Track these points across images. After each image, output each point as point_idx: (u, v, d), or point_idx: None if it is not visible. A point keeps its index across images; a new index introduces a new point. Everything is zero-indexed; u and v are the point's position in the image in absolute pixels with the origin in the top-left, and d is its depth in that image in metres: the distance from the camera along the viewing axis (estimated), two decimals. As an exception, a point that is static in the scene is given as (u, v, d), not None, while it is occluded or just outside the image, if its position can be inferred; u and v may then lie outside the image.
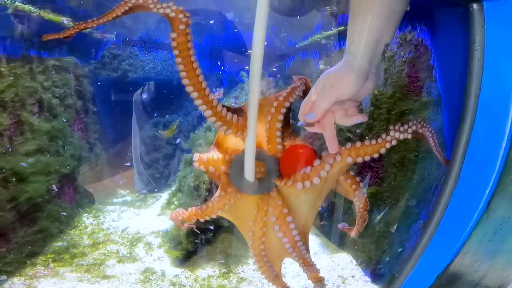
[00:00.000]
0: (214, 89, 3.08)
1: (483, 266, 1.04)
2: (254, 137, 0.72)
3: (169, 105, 3.60)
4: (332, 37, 2.52)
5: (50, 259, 1.73)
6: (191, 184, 1.99)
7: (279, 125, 0.78)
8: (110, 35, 2.85)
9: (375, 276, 1.72)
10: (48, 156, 1.93)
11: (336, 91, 0.69)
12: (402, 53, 1.68)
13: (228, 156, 0.79)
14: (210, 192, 1.95)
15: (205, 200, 1.95)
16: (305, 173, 0.76)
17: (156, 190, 3.03)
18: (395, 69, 1.70)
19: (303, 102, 0.74)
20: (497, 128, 0.91)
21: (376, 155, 0.77)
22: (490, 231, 0.97)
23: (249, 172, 0.75)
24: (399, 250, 1.56)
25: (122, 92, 2.95)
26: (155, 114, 3.29)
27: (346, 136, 2.03)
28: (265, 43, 0.67)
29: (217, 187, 0.87)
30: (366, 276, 1.78)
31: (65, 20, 2.20)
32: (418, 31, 1.57)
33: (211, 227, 1.99)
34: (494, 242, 0.99)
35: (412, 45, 1.59)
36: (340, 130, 2.11)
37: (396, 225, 1.65)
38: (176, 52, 0.69)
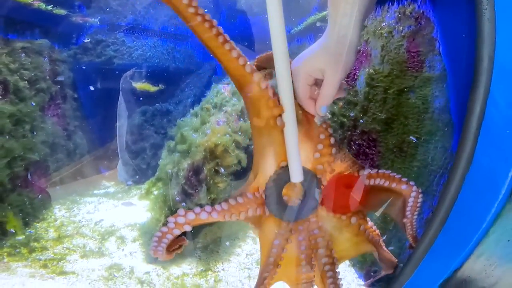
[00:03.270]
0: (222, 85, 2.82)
1: (497, 271, 0.80)
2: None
3: (159, 93, 3.37)
4: (326, 18, 2.27)
5: (5, 253, 1.52)
6: (169, 171, 1.76)
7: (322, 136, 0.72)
8: (94, 19, 2.61)
9: (369, 279, 1.49)
10: (12, 141, 1.70)
11: (339, 75, 0.67)
12: (401, 28, 1.45)
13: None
14: (188, 180, 1.71)
15: (183, 189, 1.71)
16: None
17: (143, 181, 2.80)
18: (393, 45, 1.46)
19: (321, 97, 0.69)
20: None
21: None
22: (511, 227, 0.72)
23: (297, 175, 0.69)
24: (397, 251, 1.32)
25: (107, 79, 2.72)
26: (144, 102, 3.06)
27: (340, 120, 1.79)
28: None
29: (195, 175, 0.75)
30: (359, 279, 1.54)
31: (35, 1, 1.97)
32: (419, 2, 1.35)
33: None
34: None
35: (412, 19, 1.37)
36: (333, 115, 1.88)
37: (393, 221, 1.40)
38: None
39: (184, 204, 1.65)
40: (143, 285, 1.43)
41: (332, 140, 0.74)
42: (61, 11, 2.28)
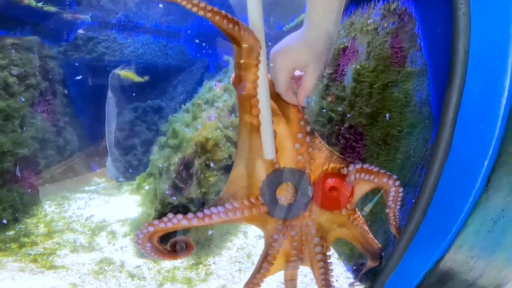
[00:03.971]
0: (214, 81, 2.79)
1: (480, 264, 0.81)
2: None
3: (151, 90, 3.34)
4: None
5: (-6, 248, 1.50)
6: (160, 165, 1.75)
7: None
8: (85, 16, 2.57)
9: (357, 272, 1.50)
10: (1, 136, 1.68)
11: (320, 68, 0.70)
12: (386, 25, 1.47)
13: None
14: (179, 174, 1.71)
15: (173, 183, 1.71)
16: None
17: (134, 178, 2.78)
18: (378, 41, 1.48)
19: (303, 89, 0.72)
20: (494, 84, 0.69)
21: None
22: (490, 218, 0.74)
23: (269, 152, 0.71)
24: (383, 243, 1.34)
25: (99, 76, 2.69)
26: (135, 98, 3.03)
27: (328, 116, 1.80)
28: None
29: (186, 169, 0.75)
30: (348, 272, 1.56)
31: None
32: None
33: (187, 209, 1.76)
34: (495, 234, 0.76)
35: (396, 15, 1.40)
36: (321, 109, 1.89)
37: (379, 213, 1.42)
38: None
39: (174, 198, 1.65)
40: (134, 279, 1.43)
41: (308, 128, 0.75)
42: (52, 8, 2.25)
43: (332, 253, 1.73)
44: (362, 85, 1.49)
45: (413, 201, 1.09)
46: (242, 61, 0.65)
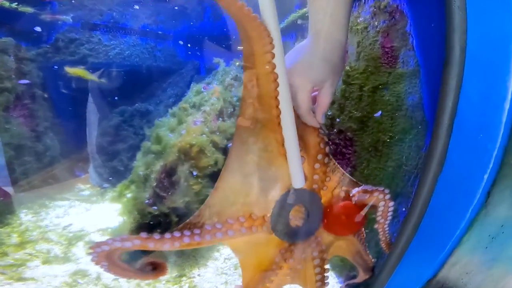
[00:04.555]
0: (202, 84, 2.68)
1: (475, 278, 0.73)
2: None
3: (139, 93, 3.23)
4: (307, 15, 2.20)
5: (-38, 260, 1.39)
6: (141, 173, 1.65)
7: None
8: (66, 17, 2.46)
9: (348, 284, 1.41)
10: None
11: (336, 82, 0.68)
12: (376, 23, 1.38)
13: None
14: (160, 182, 1.61)
15: (154, 192, 1.61)
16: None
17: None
18: (368, 41, 1.39)
19: (320, 105, 0.68)
20: (495, 86, 0.60)
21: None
22: (488, 235, 0.65)
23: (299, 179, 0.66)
24: (375, 255, 1.25)
25: (82, 78, 2.57)
26: (122, 102, 2.91)
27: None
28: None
29: (168, 177, 0.88)
30: (340, 284, 1.47)
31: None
32: (394, -4, 1.28)
33: (170, 219, 1.65)
34: (492, 250, 0.68)
35: (386, 13, 1.31)
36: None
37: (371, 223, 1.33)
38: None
39: (155, 208, 1.54)
40: (110, 293, 1.33)
41: (327, 149, 0.70)
42: (28, 9, 2.13)
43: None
44: (351, 87, 1.41)
45: (406, 213, 1.00)
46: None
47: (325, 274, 0.74)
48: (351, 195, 0.72)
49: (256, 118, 0.61)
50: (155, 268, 0.69)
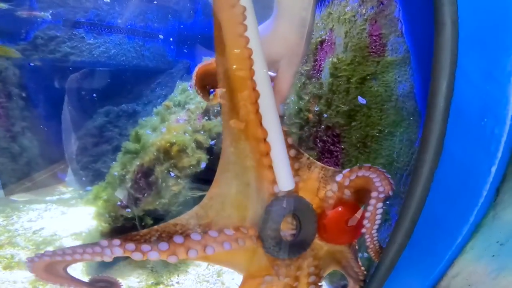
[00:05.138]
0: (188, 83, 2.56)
1: None
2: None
3: (126, 93, 3.10)
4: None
5: None
6: (115, 173, 1.51)
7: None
8: (44, 13, 2.32)
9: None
10: None
11: (296, 65, 0.57)
12: (364, 11, 1.27)
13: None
14: (135, 183, 1.47)
15: (129, 193, 1.47)
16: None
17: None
18: (356, 30, 1.28)
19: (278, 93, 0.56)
20: (497, 62, 0.48)
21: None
22: (497, 241, 0.53)
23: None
24: (366, 262, 1.12)
25: (64, 77, 2.43)
26: (109, 102, 2.77)
27: (305, 116, 1.59)
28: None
29: (145, 177, 0.89)
30: None
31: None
32: (382, -19, 1.17)
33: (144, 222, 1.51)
34: (501, 258, 0.55)
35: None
36: (300, 111, 1.68)
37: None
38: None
39: (128, 210, 1.41)
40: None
41: (290, 140, 0.59)
42: (2, 5, 2.00)
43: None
44: (339, 80, 1.29)
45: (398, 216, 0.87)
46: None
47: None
48: (337, 181, 0.60)
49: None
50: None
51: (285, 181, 0.54)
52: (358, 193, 0.63)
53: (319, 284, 0.65)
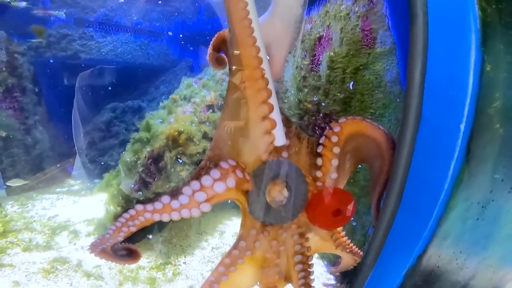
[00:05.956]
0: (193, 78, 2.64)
1: (471, 261, 0.65)
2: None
3: (132, 90, 3.18)
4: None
5: None
6: (128, 159, 1.59)
7: None
8: (58, 12, 2.41)
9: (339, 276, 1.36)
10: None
11: (285, 50, 0.64)
12: (357, 9, 1.38)
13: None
14: (146, 168, 1.55)
15: (140, 177, 1.55)
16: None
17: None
18: (350, 26, 1.39)
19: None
20: (460, 39, 0.58)
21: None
22: (477, 201, 0.60)
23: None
24: (362, 239, 1.21)
25: (74, 74, 2.52)
26: (116, 99, 2.85)
27: (304, 107, 1.69)
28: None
29: (155, 163, 0.89)
30: (328, 272, 1.42)
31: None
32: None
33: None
34: (485, 223, 0.62)
35: (365, -2, 1.31)
36: (299, 102, 1.77)
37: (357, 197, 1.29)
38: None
39: (140, 193, 1.49)
40: (90, 278, 1.26)
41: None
42: (21, 4, 2.09)
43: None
44: (335, 71, 1.39)
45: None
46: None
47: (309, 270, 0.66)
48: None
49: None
50: (130, 254, 0.69)
51: (278, 137, 0.61)
52: (354, 152, 0.69)
53: (309, 262, 0.67)
